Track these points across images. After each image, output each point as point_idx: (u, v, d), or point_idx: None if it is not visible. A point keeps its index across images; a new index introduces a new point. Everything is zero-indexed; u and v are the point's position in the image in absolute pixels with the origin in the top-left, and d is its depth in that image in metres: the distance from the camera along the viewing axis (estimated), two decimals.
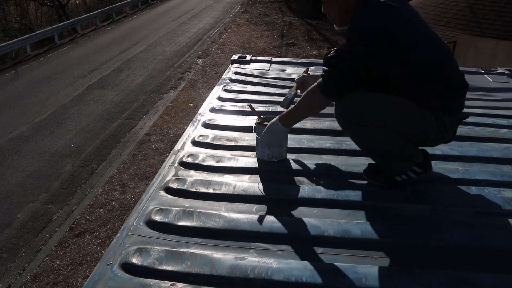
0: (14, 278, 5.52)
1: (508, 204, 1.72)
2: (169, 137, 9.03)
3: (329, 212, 1.67)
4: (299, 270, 1.35)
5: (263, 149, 2.04)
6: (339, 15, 1.82)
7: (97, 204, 6.90)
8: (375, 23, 1.64)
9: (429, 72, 1.70)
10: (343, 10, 1.79)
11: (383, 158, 1.81)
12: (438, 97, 1.73)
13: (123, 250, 1.43)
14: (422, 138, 1.80)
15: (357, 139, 1.83)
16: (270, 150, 2.03)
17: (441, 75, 1.73)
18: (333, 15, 1.85)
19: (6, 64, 14.80)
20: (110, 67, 13.60)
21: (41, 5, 25.44)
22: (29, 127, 9.63)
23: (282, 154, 2.06)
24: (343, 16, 1.80)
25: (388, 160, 1.80)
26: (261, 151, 2.05)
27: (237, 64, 3.61)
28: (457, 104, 1.79)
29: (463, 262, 1.42)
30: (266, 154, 2.05)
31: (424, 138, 1.80)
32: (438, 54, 1.74)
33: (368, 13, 1.67)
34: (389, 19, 1.65)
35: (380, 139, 1.73)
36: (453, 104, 1.77)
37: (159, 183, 1.85)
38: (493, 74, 3.47)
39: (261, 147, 2.04)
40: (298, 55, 14.28)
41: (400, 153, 1.76)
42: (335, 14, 1.83)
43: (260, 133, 2.00)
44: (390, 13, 1.65)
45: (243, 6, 23.63)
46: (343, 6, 1.78)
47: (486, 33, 8.31)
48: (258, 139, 2.05)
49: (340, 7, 1.79)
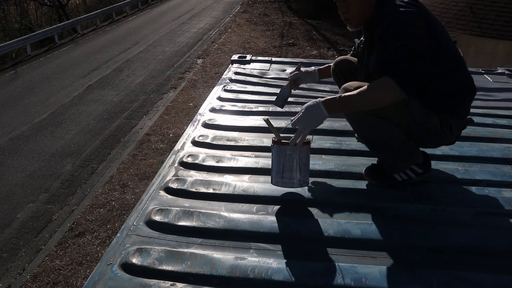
0: (14, 278, 5.52)
1: (508, 204, 1.72)
2: (169, 137, 9.03)
3: (329, 212, 1.67)
4: (299, 270, 1.35)
5: (292, 174, 1.65)
6: (359, 15, 1.76)
7: (97, 204, 6.90)
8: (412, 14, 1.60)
9: (449, 69, 1.69)
10: (365, 9, 1.74)
11: (382, 152, 1.81)
12: (448, 98, 1.72)
13: (123, 250, 1.43)
14: (423, 139, 1.80)
15: (359, 128, 1.80)
16: (302, 174, 1.66)
17: (456, 75, 1.72)
18: (352, 15, 1.77)
19: (6, 64, 14.80)
20: (110, 67, 13.59)
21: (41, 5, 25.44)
22: (29, 127, 9.63)
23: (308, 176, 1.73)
24: (363, 16, 1.76)
25: (387, 154, 1.79)
26: (289, 177, 1.65)
27: (237, 64, 3.61)
28: (464, 108, 1.79)
29: (463, 262, 1.42)
30: (298, 180, 1.66)
31: (425, 139, 1.80)
32: (459, 53, 1.74)
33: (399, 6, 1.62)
34: (422, 10, 1.64)
35: (381, 130, 1.71)
36: (461, 107, 1.77)
37: (159, 183, 1.85)
38: (493, 74, 3.47)
39: (289, 172, 1.65)
40: (298, 55, 14.28)
41: (399, 148, 1.75)
42: (355, 13, 1.76)
43: (280, 155, 1.64)
44: (419, 6, 1.65)
45: (243, 6, 23.62)
46: (366, 4, 1.73)
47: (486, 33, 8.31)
48: (278, 163, 1.66)
49: (362, 6, 1.73)
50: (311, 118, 1.61)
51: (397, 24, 1.60)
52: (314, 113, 1.60)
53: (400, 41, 1.57)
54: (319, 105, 1.60)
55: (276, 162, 1.67)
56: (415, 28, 1.59)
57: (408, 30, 1.58)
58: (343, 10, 1.78)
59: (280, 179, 1.67)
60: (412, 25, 1.59)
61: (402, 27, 1.59)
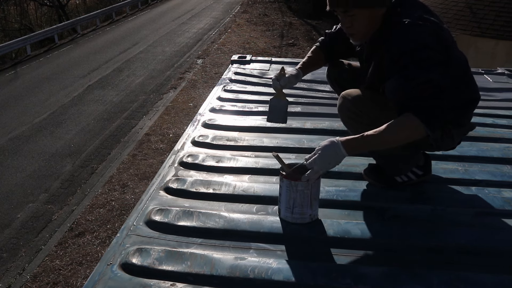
0: (14, 278, 5.52)
1: (508, 204, 1.72)
2: (169, 137, 9.03)
3: (329, 212, 1.67)
4: (299, 270, 1.35)
5: (303, 209, 1.55)
6: (365, 30, 1.65)
7: (97, 204, 6.90)
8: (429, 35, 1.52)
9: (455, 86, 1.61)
10: (372, 24, 1.63)
11: (384, 157, 1.81)
12: (452, 111, 1.65)
13: (123, 250, 1.43)
14: (425, 148, 1.79)
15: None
16: (313, 208, 1.57)
17: (461, 88, 1.65)
18: (356, 30, 1.65)
19: (6, 64, 14.79)
20: (110, 67, 13.59)
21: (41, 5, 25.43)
22: (29, 127, 9.63)
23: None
24: (368, 31, 1.65)
25: (388, 159, 1.79)
26: (299, 212, 1.55)
27: (237, 64, 3.61)
28: (467, 117, 1.76)
29: (463, 262, 1.42)
30: (309, 215, 1.56)
31: (426, 148, 1.80)
32: (465, 61, 1.66)
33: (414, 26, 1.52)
34: (434, 24, 1.56)
35: None
36: (464, 116, 1.74)
37: (159, 183, 1.85)
38: (493, 74, 3.47)
39: (300, 208, 1.54)
40: (298, 55, 14.28)
41: (400, 154, 1.75)
42: (361, 29, 1.64)
43: (291, 190, 1.53)
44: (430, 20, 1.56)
45: (243, 6, 23.61)
46: (373, 19, 1.61)
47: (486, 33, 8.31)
48: (288, 198, 1.55)
49: (369, 21, 1.62)
50: (329, 158, 1.47)
51: (414, 51, 1.49)
52: (333, 153, 1.47)
53: (422, 74, 1.48)
54: (338, 145, 1.47)
55: (286, 198, 1.55)
56: (433, 52, 1.50)
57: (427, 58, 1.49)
58: (347, 25, 1.66)
59: (290, 214, 1.57)
60: (431, 48, 1.50)
61: (420, 55, 1.48)
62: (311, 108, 2.75)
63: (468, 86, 1.70)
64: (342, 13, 1.63)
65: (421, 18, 1.55)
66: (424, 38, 1.51)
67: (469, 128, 1.82)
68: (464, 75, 1.68)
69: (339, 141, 1.47)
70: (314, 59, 2.04)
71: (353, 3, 1.57)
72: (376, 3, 1.59)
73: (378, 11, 1.60)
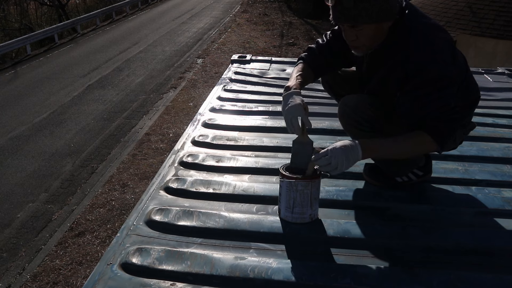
0: (14, 278, 5.52)
1: (508, 204, 1.72)
2: (169, 136, 9.03)
3: (329, 212, 1.67)
4: (299, 270, 1.35)
5: (303, 209, 1.55)
6: (370, 42, 1.59)
7: (97, 204, 6.90)
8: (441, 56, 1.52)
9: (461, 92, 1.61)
10: (378, 36, 1.57)
11: (384, 160, 1.81)
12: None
13: (123, 250, 1.43)
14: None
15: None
16: (313, 207, 1.58)
17: (464, 92, 1.64)
18: (362, 43, 1.59)
19: (6, 64, 14.79)
20: (110, 67, 13.59)
21: (41, 5, 25.43)
22: (29, 127, 9.62)
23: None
24: (373, 43, 1.60)
25: (389, 162, 1.79)
26: (300, 212, 1.56)
27: (237, 64, 3.61)
28: (469, 118, 1.77)
29: (463, 262, 1.42)
30: (308, 215, 1.57)
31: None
32: (466, 64, 1.67)
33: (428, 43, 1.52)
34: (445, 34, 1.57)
35: None
36: (467, 117, 1.75)
37: (159, 183, 1.85)
38: (493, 74, 3.47)
39: (300, 207, 1.55)
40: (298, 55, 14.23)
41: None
42: (366, 42, 1.58)
43: (291, 190, 1.53)
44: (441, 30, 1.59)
45: (243, 6, 23.60)
46: (379, 31, 1.56)
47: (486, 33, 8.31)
48: (288, 198, 1.55)
49: (375, 33, 1.56)
50: (346, 160, 1.46)
51: (431, 72, 1.49)
52: (351, 155, 1.47)
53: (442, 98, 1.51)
54: (357, 147, 1.48)
55: (286, 197, 1.56)
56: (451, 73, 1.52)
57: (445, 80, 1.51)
58: (352, 38, 1.58)
59: (290, 214, 1.57)
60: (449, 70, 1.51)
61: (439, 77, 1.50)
62: (311, 108, 2.73)
63: (469, 88, 1.70)
64: (348, 28, 1.57)
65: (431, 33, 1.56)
66: (443, 58, 1.51)
67: (470, 128, 1.83)
68: (465, 77, 1.67)
69: (357, 144, 1.49)
70: (306, 77, 1.84)
71: (363, 19, 1.49)
72: (385, 18, 1.52)
73: (386, 24, 1.55)
